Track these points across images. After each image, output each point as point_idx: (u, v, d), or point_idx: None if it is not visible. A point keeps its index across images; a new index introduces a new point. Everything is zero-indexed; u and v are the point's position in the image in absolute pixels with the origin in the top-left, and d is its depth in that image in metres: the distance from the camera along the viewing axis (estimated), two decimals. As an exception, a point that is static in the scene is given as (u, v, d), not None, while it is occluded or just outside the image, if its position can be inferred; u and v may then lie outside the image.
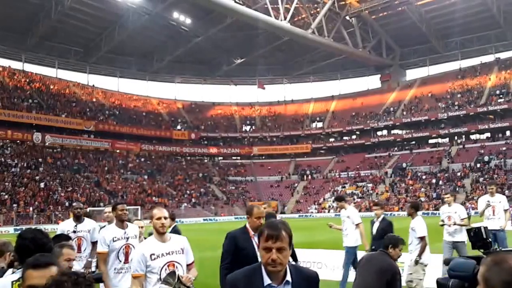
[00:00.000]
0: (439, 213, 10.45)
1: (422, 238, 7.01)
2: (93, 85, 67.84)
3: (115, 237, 5.41)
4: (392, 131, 66.28)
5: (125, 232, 5.49)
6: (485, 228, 5.18)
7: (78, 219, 6.66)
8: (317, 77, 78.86)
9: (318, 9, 58.39)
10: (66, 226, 6.66)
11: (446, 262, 5.33)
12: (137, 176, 57.05)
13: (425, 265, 7.05)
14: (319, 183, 62.94)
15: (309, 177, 65.62)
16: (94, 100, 64.70)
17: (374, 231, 7.62)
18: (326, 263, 10.02)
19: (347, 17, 61.99)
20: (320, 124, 72.77)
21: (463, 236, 8.31)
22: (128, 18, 55.83)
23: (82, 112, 59.62)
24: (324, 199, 58.37)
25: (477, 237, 5.05)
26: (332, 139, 70.24)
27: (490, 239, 5.21)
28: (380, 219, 7.61)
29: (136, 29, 58.01)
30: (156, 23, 58.54)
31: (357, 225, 8.09)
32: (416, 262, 6.92)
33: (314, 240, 19.78)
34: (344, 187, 59.90)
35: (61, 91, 61.93)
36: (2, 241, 3.75)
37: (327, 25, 58.45)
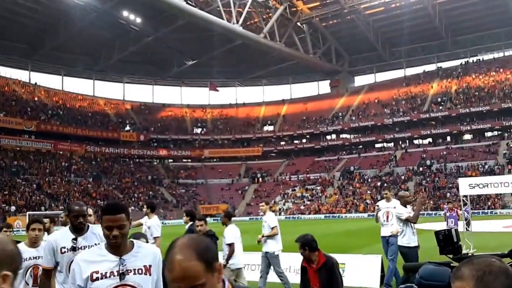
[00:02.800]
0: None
1: (230, 245, 7.54)
2: (36, 83, 64.65)
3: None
4: (341, 135, 67.88)
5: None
6: (456, 230, 4.98)
7: (80, 230, 3.97)
8: (269, 81, 79.57)
9: (270, 14, 58.92)
10: (61, 241, 3.89)
11: (407, 268, 5.19)
12: (81, 179, 54.98)
13: (238, 268, 7.76)
14: (270, 186, 63.26)
15: (260, 180, 65.84)
16: (36, 99, 61.73)
17: None
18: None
19: (299, 23, 62.95)
20: (271, 128, 73.28)
21: (271, 247, 8.18)
22: (74, 14, 53.70)
23: (22, 111, 56.79)
24: (274, 202, 58.55)
25: (447, 241, 4.78)
26: (283, 143, 70.87)
27: (460, 243, 5.01)
28: (188, 225, 8.00)
29: (83, 27, 56.12)
30: (104, 21, 56.51)
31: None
32: (224, 266, 7.24)
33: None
34: (294, 190, 60.47)
35: (0, 88, 58.79)
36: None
37: (279, 30, 59.11)
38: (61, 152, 58.05)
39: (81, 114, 64.29)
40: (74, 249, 3.79)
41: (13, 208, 42.74)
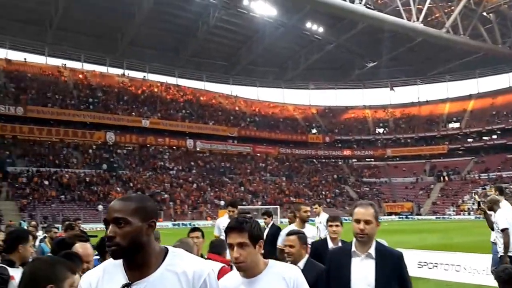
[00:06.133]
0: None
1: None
2: (236, 95, 74.57)
3: None
4: (541, 130, 62.19)
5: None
6: None
7: (130, 263, 1.83)
8: (453, 77, 76.40)
9: (452, 7, 57.11)
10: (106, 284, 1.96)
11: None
12: (275, 177, 61.18)
13: None
14: (457, 185, 61.71)
15: (446, 178, 64.46)
16: (236, 108, 71.05)
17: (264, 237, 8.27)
18: (465, 267, 9.80)
19: (484, 13, 59.72)
20: (457, 125, 70.87)
21: None
22: (265, 31, 60.17)
23: (226, 120, 65.73)
24: (463, 201, 57.26)
25: None
26: (470, 140, 67.99)
27: None
28: (269, 225, 7.75)
29: (272, 41, 62.51)
30: (290, 34, 62.20)
31: None
32: None
33: (452, 242, 19.48)
34: (485, 188, 57.93)
35: (209, 101, 68.98)
36: None
37: (462, 23, 56.91)
38: (258, 154, 65.27)
39: (273, 120, 71.69)
40: None
41: (222, 202, 48.20)
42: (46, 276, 1.86)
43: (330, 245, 4.39)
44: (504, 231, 6.39)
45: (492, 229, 6.79)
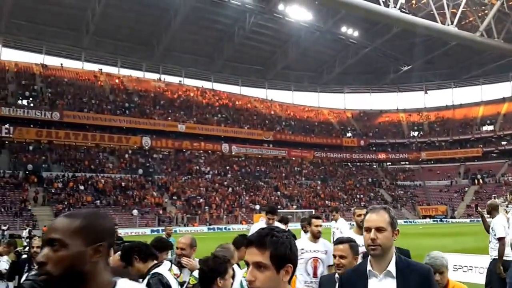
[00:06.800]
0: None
1: None
2: (271, 99, 75.77)
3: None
4: None
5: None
6: None
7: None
8: (487, 80, 76.07)
9: (486, 11, 57.18)
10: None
11: None
12: (311, 181, 62.08)
13: None
14: (492, 188, 61.53)
15: (480, 181, 64.45)
16: (272, 112, 72.10)
17: None
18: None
19: (518, 17, 59.47)
20: (491, 127, 70.71)
21: None
22: (300, 36, 61.45)
23: (262, 124, 66.71)
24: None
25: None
26: (504, 142, 67.77)
27: None
28: None
29: (308, 46, 63.63)
30: (326, 39, 63.19)
31: None
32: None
33: (487, 245, 19.82)
34: (519, 192, 57.76)
35: (244, 106, 70.24)
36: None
37: (496, 27, 56.89)
38: (293, 158, 66.09)
39: (308, 124, 72.45)
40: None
41: (257, 206, 49.29)
42: None
43: None
44: (501, 240, 6.38)
45: (488, 232, 6.82)
